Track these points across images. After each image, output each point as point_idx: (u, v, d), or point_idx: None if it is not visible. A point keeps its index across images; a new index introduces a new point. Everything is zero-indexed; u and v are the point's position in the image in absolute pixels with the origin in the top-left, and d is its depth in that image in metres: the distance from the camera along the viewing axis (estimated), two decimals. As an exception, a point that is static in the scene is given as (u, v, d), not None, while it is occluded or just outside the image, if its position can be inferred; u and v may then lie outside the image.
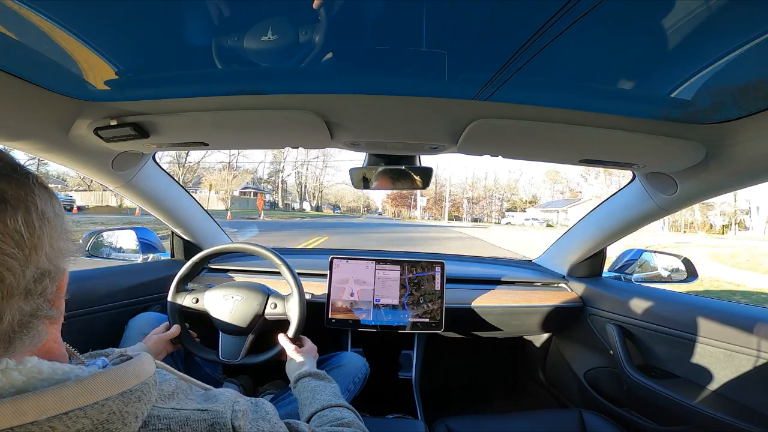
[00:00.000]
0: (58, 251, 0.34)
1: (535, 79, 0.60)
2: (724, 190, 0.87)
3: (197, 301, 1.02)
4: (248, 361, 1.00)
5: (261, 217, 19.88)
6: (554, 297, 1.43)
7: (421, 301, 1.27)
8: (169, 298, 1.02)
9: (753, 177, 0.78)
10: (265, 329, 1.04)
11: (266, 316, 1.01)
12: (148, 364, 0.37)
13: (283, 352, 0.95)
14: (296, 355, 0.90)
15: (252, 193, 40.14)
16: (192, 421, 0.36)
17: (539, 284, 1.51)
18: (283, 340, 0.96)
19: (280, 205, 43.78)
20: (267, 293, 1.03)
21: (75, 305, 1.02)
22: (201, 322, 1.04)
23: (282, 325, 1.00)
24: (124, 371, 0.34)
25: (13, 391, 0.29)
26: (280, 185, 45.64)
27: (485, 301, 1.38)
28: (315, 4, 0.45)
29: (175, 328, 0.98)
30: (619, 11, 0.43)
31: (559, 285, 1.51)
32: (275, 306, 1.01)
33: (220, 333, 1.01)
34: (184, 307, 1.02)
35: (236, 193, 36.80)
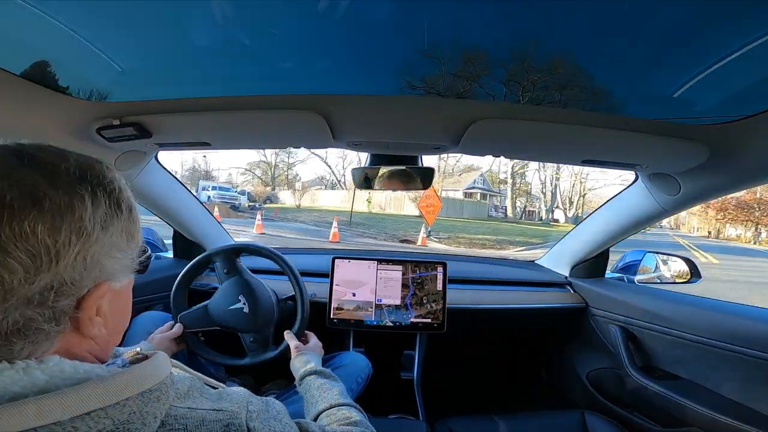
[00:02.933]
0: (93, 266, 0.32)
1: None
2: (728, 191, 0.87)
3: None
4: (256, 359, 1.00)
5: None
6: (557, 298, 1.43)
7: (424, 302, 1.27)
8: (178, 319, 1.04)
9: (757, 177, 0.78)
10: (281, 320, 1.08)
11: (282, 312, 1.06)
12: (165, 363, 0.37)
13: (288, 348, 0.95)
14: (301, 353, 0.89)
15: (479, 196, 25.36)
16: (208, 422, 0.36)
17: (542, 285, 1.50)
18: (288, 336, 0.96)
19: (509, 213, 26.00)
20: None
21: None
22: (219, 331, 1.05)
23: (288, 321, 1.01)
24: (144, 371, 0.34)
25: (36, 390, 0.29)
26: (510, 181, 26.24)
27: (488, 301, 1.38)
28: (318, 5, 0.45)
29: (178, 327, 0.99)
30: (624, 11, 0.43)
31: (562, 286, 1.50)
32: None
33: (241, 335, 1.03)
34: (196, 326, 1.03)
35: (459, 195, 24.45)
